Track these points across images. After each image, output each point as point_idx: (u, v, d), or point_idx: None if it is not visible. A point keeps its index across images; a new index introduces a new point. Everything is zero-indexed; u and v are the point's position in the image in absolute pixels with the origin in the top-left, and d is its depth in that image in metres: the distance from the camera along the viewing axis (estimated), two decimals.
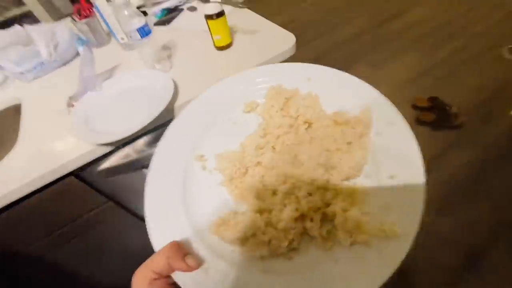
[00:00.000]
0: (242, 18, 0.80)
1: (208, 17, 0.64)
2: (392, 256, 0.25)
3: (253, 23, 0.78)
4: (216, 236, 0.30)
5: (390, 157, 0.31)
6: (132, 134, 0.56)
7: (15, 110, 0.77)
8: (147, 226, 0.31)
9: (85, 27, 0.84)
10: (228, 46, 0.69)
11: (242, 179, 0.33)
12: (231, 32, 0.71)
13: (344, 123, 0.33)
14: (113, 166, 0.65)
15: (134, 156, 0.66)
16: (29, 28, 0.77)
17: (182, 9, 0.97)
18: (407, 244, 0.25)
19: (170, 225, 0.31)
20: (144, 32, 0.65)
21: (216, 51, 0.71)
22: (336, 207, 0.28)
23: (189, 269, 0.27)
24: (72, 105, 0.67)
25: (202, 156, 0.36)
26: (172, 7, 0.97)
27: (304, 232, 0.29)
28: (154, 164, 0.35)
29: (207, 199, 0.34)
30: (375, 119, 0.33)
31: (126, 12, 0.63)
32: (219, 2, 0.63)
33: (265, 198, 0.31)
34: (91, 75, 0.66)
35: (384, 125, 0.32)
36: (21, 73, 0.78)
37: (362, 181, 0.31)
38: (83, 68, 0.65)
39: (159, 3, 0.99)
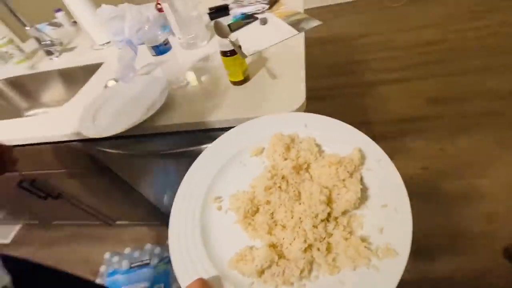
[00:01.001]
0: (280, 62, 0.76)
1: (222, 53, 0.65)
2: (391, 274, 0.30)
3: (283, 70, 0.73)
4: (235, 270, 0.34)
5: (381, 188, 0.36)
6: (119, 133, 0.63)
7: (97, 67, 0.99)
8: (172, 264, 0.35)
9: (162, 20, 0.94)
10: (240, 82, 0.70)
11: (254, 217, 0.38)
12: (259, 70, 0.73)
13: (337, 163, 0.38)
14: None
15: None
16: (127, 7, 0.84)
17: (256, 18, 0.96)
18: (403, 262, 0.30)
19: (193, 263, 0.35)
20: (158, 50, 0.67)
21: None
22: (338, 236, 0.33)
23: None
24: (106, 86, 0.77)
25: (218, 198, 0.41)
26: (250, 13, 0.99)
27: (313, 261, 0.34)
28: (176, 206, 0.40)
29: (224, 237, 0.38)
30: (366, 157, 0.39)
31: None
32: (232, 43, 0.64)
33: (276, 233, 0.36)
34: (129, 65, 0.68)
35: (373, 162, 0.38)
36: (119, 41, 0.97)
37: (359, 212, 0.36)
38: (125, 57, 0.68)
39: (243, 6, 1.02)
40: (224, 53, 0.64)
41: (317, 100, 1.79)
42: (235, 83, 0.70)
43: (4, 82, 1.13)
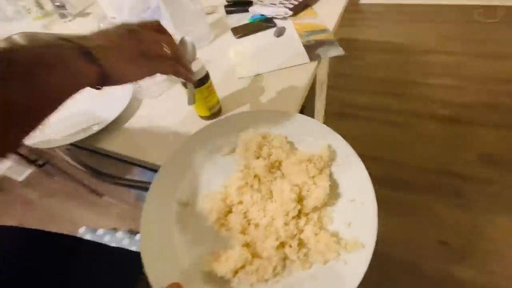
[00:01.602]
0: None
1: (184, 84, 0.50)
2: (358, 266, 0.32)
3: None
4: (209, 270, 0.34)
5: (349, 184, 0.38)
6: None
7: None
8: (144, 268, 0.34)
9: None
10: (207, 118, 0.54)
11: (227, 217, 0.38)
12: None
13: (307, 160, 0.39)
14: None
15: None
16: None
17: (274, 25, 0.78)
18: (369, 255, 0.32)
19: (167, 266, 0.35)
20: None
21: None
22: (309, 232, 0.35)
23: None
24: None
25: (188, 199, 0.41)
26: (269, 16, 0.82)
27: (286, 258, 0.35)
28: (145, 211, 0.39)
29: (197, 238, 0.38)
30: (336, 154, 0.40)
31: None
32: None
33: (249, 232, 0.37)
34: None
35: (342, 158, 0.40)
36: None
37: (329, 207, 0.38)
38: None
39: (264, 5, 0.86)
40: (184, 83, 0.48)
41: (346, 118, 1.50)
42: (202, 117, 0.55)
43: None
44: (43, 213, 1.24)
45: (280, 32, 0.76)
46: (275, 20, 0.81)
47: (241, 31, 0.79)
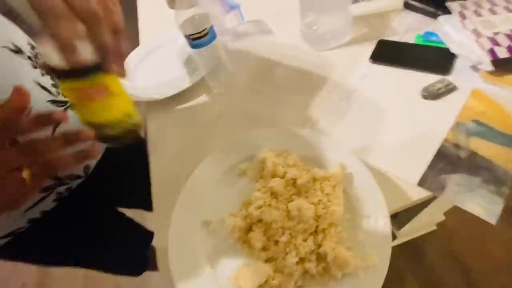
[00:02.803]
0: None
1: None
2: (374, 282, 0.34)
3: None
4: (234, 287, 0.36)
5: (363, 201, 0.40)
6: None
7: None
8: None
9: None
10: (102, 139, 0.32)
11: (248, 235, 0.41)
12: None
13: (321, 178, 0.42)
14: None
15: None
16: None
17: (438, 69, 0.52)
18: (384, 271, 0.34)
19: (197, 285, 0.38)
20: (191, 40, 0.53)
21: None
22: (327, 247, 0.37)
23: None
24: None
25: (210, 221, 0.44)
26: (455, 52, 0.52)
27: (306, 272, 0.37)
28: (171, 234, 0.42)
29: (221, 258, 0.41)
30: (349, 171, 0.42)
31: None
32: None
33: (269, 249, 0.39)
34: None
35: (355, 176, 0.42)
36: None
37: (345, 223, 0.40)
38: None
39: (458, 26, 0.52)
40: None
41: None
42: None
43: None
44: None
45: (433, 94, 0.47)
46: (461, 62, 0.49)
47: (383, 54, 0.58)
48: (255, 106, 0.62)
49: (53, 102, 0.50)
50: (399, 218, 0.97)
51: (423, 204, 0.67)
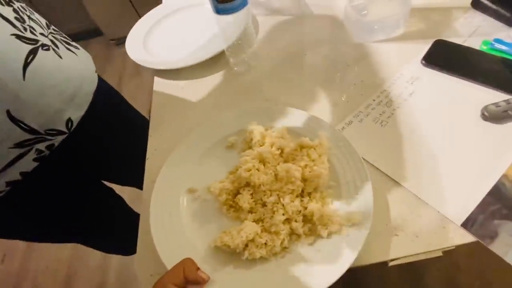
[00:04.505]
0: None
1: None
2: (358, 239, 0.35)
3: None
4: (221, 245, 0.36)
5: (345, 167, 0.42)
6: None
7: None
8: (157, 248, 0.37)
9: None
10: None
11: (235, 199, 0.41)
12: None
13: (307, 146, 0.43)
14: None
15: None
16: None
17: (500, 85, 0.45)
18: (367, 229, 0.35)
19: (178, 247, 0.38)
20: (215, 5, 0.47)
21: None
22: (313, 208, 0.37)
23: (202, 282, 0.32)
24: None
25: (195, 189, 0.44)
26: None
27: (292, 233, 0.38)
28: (154, 198, 0.42)
29: (206, 220, 0.41)
30: (333, 142, 0.44)
31: None
32: None
33: (256, 211, 0.40)
34: None
35: (338, 146, 0.44)
36: None
37: (329, 189, 0.41)
38: None
39: None
40: None
41: None
42: None
43: None
44: None
45: (495, 116, 0.43)
46: None
47: (439, 57, 0.51)
48: (276, 94, 0.55)
49: (19, 37, 0.44)
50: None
51: None
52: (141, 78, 2.07)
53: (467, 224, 0.36)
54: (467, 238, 0.35)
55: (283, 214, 0.38)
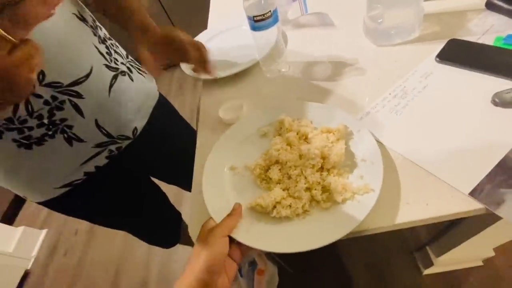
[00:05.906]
0: None
1: None
2: (368, 203, 0.42)
3: None
4: (255, 205, 0.46)
5: (361, 150, 0.49)
6: None
7: None
8: (207, 208, 0.47)
9: None
10: None
11: (267, 173, 0.51)
12: None
13: (327, 131, 0.52)
14: None
15: None
16: None
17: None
18: (376, 195, 0.42)
19: (224, 208, 0.47)
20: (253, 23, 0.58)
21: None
22: (330, 179, 0.46)
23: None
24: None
25: (235, 167, 0.54)
26: None
27: (312, 200, 0.46)
28: (205, 172, 0.52)
29: (243, 190, 0.51)
30: (350, 129, 0.51)
31: None
32: None
33: (283, 182, 0.49)
34: None
35: (355, 132, 0.51)
36: None
37: (346, 167, 0.48)
38: None
39: None
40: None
41: None
42: None
43: None
44: None
45: (505, 102, 0.47)
46: None
47: (452, 53, 0.54)
48: (303, 95, 0.64)
49: (107, 66, 0.60)
50: (441, 243, 0.88)
51: (469, 231, 0.61)
52: (183, 96, 2.33)
53: (475, 193, 0.40)
54: (474, 205, 0.39)
55: (305, 184, 0.46)
